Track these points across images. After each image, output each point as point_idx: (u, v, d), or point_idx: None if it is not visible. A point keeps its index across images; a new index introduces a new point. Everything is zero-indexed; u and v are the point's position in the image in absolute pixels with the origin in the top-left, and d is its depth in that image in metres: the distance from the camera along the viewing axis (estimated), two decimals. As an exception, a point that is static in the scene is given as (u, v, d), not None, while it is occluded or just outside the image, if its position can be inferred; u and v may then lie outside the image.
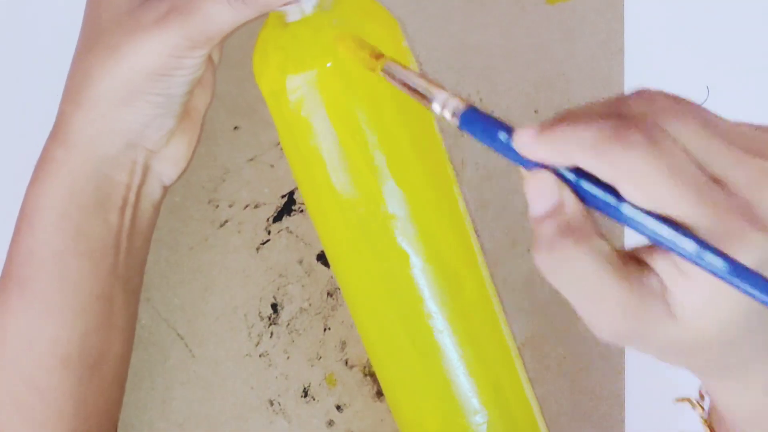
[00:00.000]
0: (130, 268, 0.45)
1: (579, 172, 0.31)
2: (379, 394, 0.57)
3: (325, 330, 0.57)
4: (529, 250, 0.59)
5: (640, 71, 0.59)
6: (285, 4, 0.41)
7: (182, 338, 0.56)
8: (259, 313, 0.57)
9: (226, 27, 0.40)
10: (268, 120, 0.57)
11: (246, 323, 0.57)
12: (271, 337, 0.57)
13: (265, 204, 0.57)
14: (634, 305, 0.31)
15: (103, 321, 0.43)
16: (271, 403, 0.56)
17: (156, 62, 0.40)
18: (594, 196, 0.31)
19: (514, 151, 0.32)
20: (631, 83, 0.59)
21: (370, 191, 0.42)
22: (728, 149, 0.30)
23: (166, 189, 0.46)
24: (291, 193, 0.58)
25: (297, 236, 0.57)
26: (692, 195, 0.29)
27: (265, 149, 0.57)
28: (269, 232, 0.57)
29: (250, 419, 0.56)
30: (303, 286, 0.57)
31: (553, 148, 0.31)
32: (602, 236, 0.31)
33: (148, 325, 0.56)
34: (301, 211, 0.57)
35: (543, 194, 0.31)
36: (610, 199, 0.30)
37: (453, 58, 0.59)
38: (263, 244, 0.57)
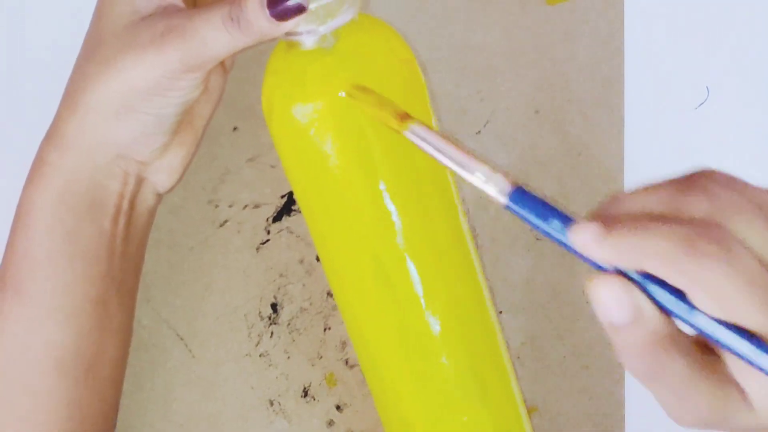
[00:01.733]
0: (125, 271, 0.45)
1: (645, 273, 0.31)
2: (379, 393, 0.57)
3: (325, 330, 0.57)
4: (529, 249, 0.59)
5: (640, 71, 0.59)
6: (287, 35, 0.40)
7: (182, 339, 0.56)
8: (259, 312, 0.57)
9: (221, 52, 0.40)
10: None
11: (246, 323, 0.57)
12: (271, 336, 0.57)
13: (265, 204, 0.57)
14: (719, 400, 0.31)
15: (97, 324, 0.43)
16: (271, 403, 0.56)
17: (149, 81, 0.40)
18: (664, 302, 0.30)
19: (567, 240, 0.32)
20: (631, 83, 0.59)
21: (376, 227, 0.42)
22: None
23: (161, 196, 0.46)
24: (291, 193, 0.57)
25: (297, 236, 0.57)
26: (766, 302, 0.29)
27: (265, 149, 0.57)
28: (269, 232, 0.57)
29: (250, 419, 0.56)
30: (303, 285, 0.57)
31: (620, 254, 0.30)
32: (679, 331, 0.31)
33: (148, 326, 0.56)
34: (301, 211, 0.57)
35: (617, 305, 0.30)
36: (682, 307, 0.30)
37: (454, 58, 0.59)
38: (263, 243, 0.57)
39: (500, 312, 0.58)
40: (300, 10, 0.38)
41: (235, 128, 0.57)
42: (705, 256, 0.29)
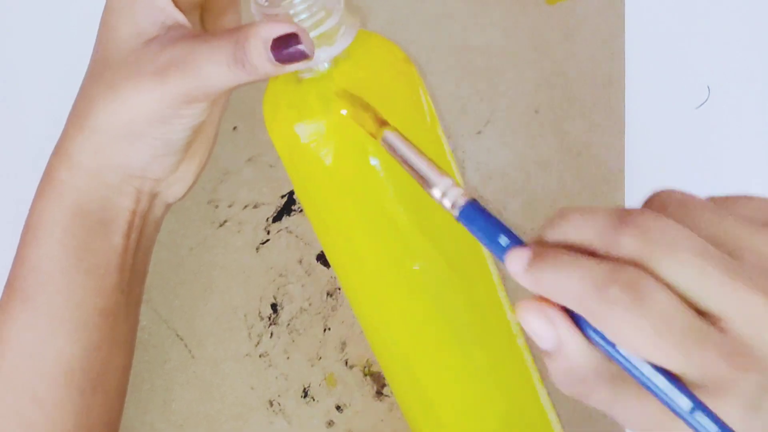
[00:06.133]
0: (133, 282, 0.44)
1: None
2: (379, 394, 0.57)
3: (325, 330, 0.57)
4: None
5: (640, 71, 0.59)
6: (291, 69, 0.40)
7: (182, 339, 0.56)
8: (259, 313, 0.57)
9: (224, 87, 0.39)
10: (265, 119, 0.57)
11: (246, 323, 0.57)
12: (271, 337, 0.57)
13: (264, 204, 0.57)
14: (650, 416, 0.31)
15: (106, 336, 0.43)
16: (271, 404, 0.56)
17: (155, 111, 0.40)
18: (588, 333, 0.30)
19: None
20: (631, 83, 0.59)
21: (384, 242, 0.42)
22: (724, 282, 0.29)
23: (170, 205, 0.46)
24: (290, 193, 0.57)
25: (297, 236, 0.57)
26: (678, 348, 0.28)
27: (264, 149, 0.57)
28: (269, 232, 0.57)
29: (250, 419, 0.56)
30: (303, 285, 0.57)
31: (539, 287, 0.30)
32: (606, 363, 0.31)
33: (147, 326, 0.56)
34: (301, 211, 0.57)
35: (541, 333, 0.31)
36: (604, 341, 0.30)
37: (454, 58, 0.59)
38: (263, 244, 0.57)
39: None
40: (304, 56, 0.38)
41: (234, 128, 0.57)
42: (612, 302, 0.28)
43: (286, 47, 0.37)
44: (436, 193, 0.35)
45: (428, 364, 0.46)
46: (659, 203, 0.31)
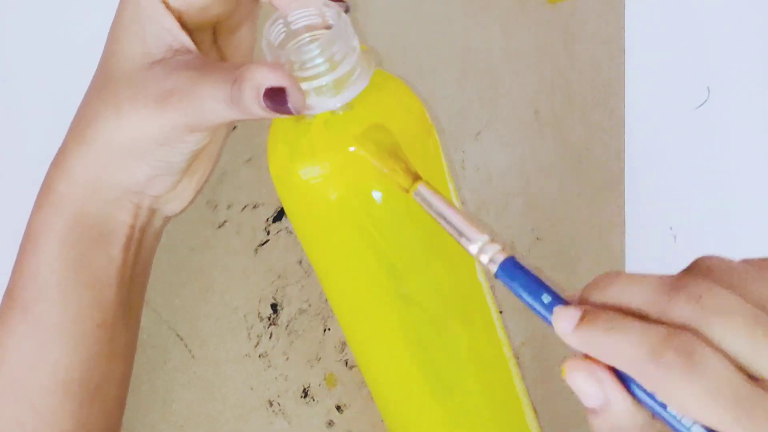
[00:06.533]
0: (132, 294, 0.44)
1: None
2: (379, 394, 0.57)
3: (324, 331, 0.57)
4: (529, 249, 0.59)
5: (640, 71, 0.59)
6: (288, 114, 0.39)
7: (182, 339, 0.56)
8: (259, 313, 0.57)
9: (223, 121, 0.40)
10: (264, 122, 0.57)
11: (245, 324, 0.57)
12: (270, 337, 0.57)
13: (263, 204, 0.57)
14: None
15: (104, 347, 0.43)
16: (271, 404, 0.56)
17: (155, 136, 0.40)
18: (637, 393, 0.31)
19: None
20: (631, 83, 0.59)
21: (377, 278, 0.42)
22: None
23: (170, 218, 0.46)
24: (290, 194, 0.58)
25: (296, 237, 0.57)
26: (730, 412, 0.29)
27: (262, 150, 0.57)
28: (268, 233, 0.57)
29: (250, 420, 0.56)
30: (302, 287, 0.57)
31: (591, 348, 0.31)
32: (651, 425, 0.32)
33: (148, 327, 0.56)
34: (301, 211, 0.57)
35: (588, 391, 0.32)
36: (653, 403, 0.31)
37: (454, 59, 0.59)
38: (262, 244, 0.57)
39: (500, 312, 0.58)
40: (290, 113, 0.38)
41: (233, 128, 0.57)
42: (667, 367, 0.30)
43: (277, 98, 0.38)
44: (473, 249, 0.34)
45: (421, 399, 0.45)
46: (705, 269, 0.32)
